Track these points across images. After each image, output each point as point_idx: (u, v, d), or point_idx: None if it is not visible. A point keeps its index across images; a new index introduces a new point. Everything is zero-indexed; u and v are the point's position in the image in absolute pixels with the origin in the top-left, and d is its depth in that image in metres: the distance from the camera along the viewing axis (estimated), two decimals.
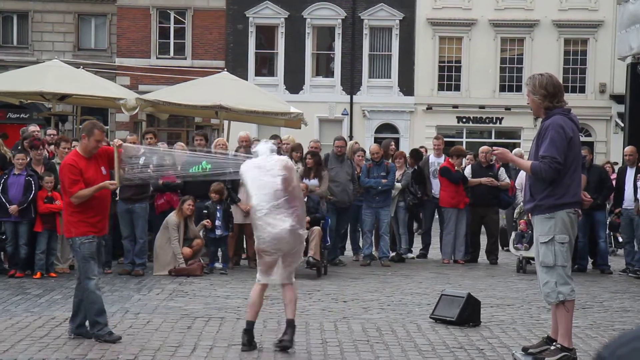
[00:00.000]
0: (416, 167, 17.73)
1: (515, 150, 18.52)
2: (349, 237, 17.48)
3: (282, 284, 8.96)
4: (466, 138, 38.62)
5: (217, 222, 14.94)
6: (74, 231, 9.22)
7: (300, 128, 22.39)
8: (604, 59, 38.11)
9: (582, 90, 38.76)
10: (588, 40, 38.82)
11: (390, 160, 17.07)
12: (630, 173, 16.21)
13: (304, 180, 14.84)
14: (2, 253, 14.63)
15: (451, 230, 17.19)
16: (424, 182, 17.56)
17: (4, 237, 13.97)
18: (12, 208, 13.52)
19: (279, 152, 11.24)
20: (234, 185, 15.51)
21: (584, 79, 38.87)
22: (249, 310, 9.01)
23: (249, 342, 8.83)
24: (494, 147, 9.01)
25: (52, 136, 17.51)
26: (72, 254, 9.52)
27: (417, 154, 18.85)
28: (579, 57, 38.87)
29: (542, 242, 7.69)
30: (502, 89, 38.84)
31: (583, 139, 33.23)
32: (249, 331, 8.89)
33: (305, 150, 16.66)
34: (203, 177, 14.74)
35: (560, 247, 7.63)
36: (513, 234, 16.49)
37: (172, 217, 14.67)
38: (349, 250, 17.50)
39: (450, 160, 17.40)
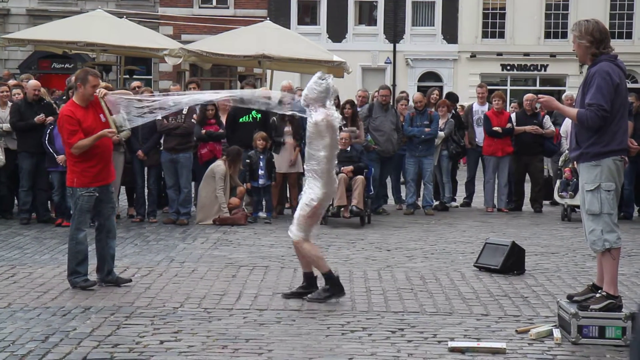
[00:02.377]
0: (454, 112, 17.62)
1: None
2: (392, 186, 17.46)
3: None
4: (510, 86, 38.23)
5: (260, 172, 14.95)
6: (77, 181, 9.36)
7: (343, 77, 22.28)
8: None
9: (629, 36, 38.13)
10: None
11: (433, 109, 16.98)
12: None
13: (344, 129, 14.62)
14: (49, 202, 14.83)
15: (490, 178, 17.13)
16: (466, 130, 17.50)
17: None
18: (60, 158, 13.61)
19: None
20: (279, 132, 15.45)
21: (630, 25, 38.21)
22: (323, 262, 9.01)
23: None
24: (539, 95, 8.90)
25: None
26: (70, 202, 9.68)
27: (453, 96, 19.15)
28: (625, 2, 38.17)
29: (588, 190, 7.62)
30: (547, 35, 38.29)
31: (630, 85, 32.74)
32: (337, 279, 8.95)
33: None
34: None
35: (607, 195, 7.56)
36: (558, 181, 16.37)
37: (221, 167, 14.63)
38: (392, 199, 17.48)
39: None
